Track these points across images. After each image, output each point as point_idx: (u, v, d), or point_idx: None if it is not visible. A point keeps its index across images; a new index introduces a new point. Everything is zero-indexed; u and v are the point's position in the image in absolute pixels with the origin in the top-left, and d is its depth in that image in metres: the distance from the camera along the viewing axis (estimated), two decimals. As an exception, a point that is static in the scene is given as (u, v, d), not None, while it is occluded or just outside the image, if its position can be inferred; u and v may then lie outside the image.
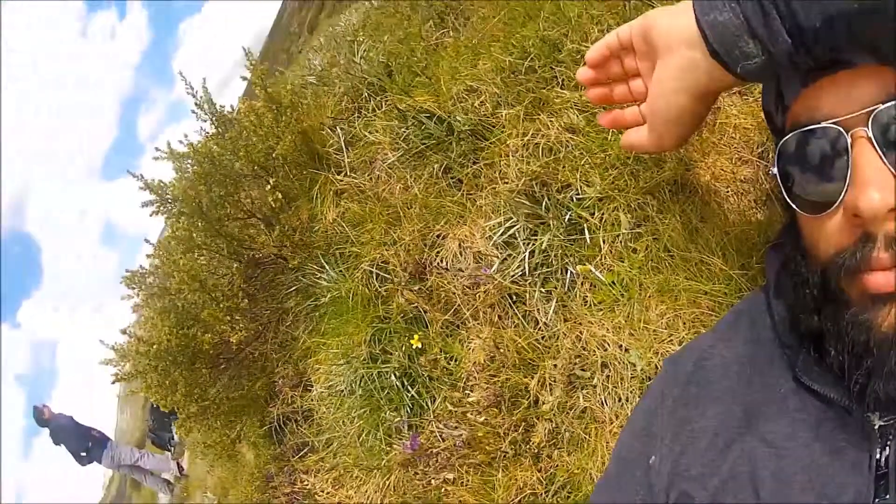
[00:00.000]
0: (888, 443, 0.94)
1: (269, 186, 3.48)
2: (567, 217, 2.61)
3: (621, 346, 2.36)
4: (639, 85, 1.30)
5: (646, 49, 1.23)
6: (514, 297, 2.81)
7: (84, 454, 8.51)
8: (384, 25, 3.68)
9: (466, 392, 2.95)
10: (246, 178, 3.64)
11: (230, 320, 3.53)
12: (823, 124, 0.98)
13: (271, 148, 3.45)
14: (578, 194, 2.57)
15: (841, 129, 0.95)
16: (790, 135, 1.04)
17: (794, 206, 1.05)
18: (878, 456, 0.93)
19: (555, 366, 2.59)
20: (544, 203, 2.69)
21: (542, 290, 2.71)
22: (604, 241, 2.47)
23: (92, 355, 3.78)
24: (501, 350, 2.82)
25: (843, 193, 0.95)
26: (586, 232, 2.55)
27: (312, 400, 3.54)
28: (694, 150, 2.09)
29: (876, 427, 0.96)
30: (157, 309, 3.67)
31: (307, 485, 3.32)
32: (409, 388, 3.25)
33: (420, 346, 3.22)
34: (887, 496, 0.90)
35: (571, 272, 2.60)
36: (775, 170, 1.08)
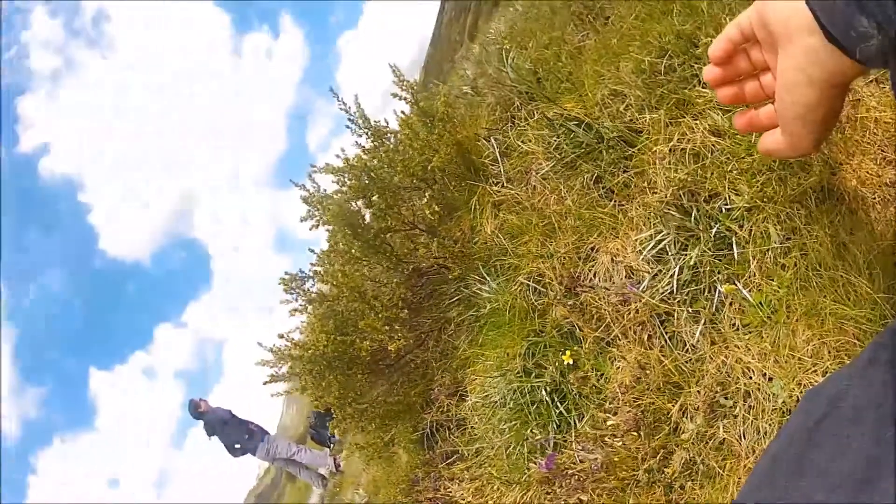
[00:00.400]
0: None
1: (426, 199, 3.55)
2: (715, 230, 2.41)
3: (765, 374, 2.13)
4: (770, 80, 1.14)
5: (768, 39, 1.08)
6: (663, 316, 2.66)
7: (238, 446, 8.84)
8: (529, 31, 3.62)
9: (608, 414, 2.82)
10: (405, 191, 3.74)
11: (388, 329, 3.64)
12: None
13: (428, 160, 3.52)
14: (727, 204, 2.37)
15: None
16: None
17: None
18: None
19: (698, 392, 2.40)
20: (693, 214, 2.52)
21: (691, 309, 2.54)
22: (753, 257, 2.26)
23: (257, 355, 4.03)
24: (647, 371, 2.68)
25: None
26: (734, 246, 2.34)
27: (466, 409, 3.55)
28: (839, 151, 1.83)
29: None
30: (317, 314, 3.88)
31: (450, 492, 3.34)
32: (559, 404, 3.17)
33: (571, 362, 3.12)
34: None
35: (720, 290, 2.40)
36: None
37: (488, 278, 3.62)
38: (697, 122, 2.39)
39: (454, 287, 3.83)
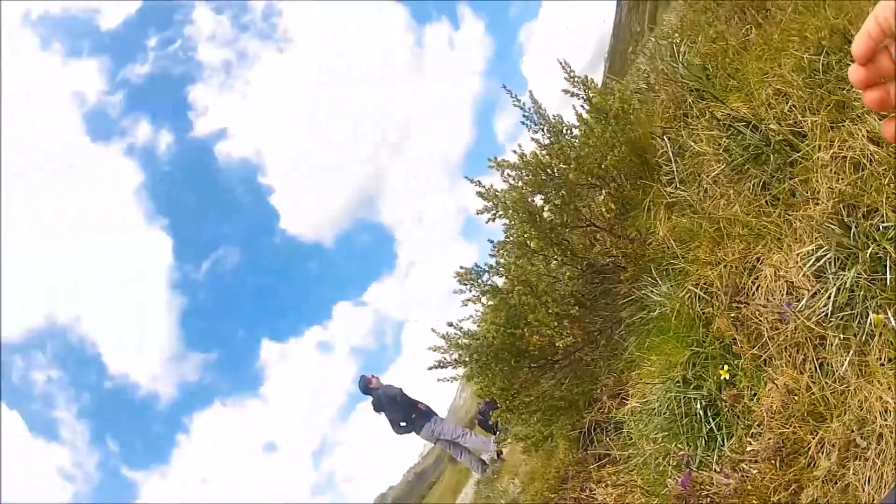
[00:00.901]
0: None
1: (601, 197, 3.51)
2: (870, 250, 2.17)
3: (900, 417, 1.92)
4: None
5: None
6: (817, 341, 2.46)
7: (404, 423, 8.86)
8: (697, 23, 3.37)
9: (750, 439, 2.66)
10: (581, 188, 3.71)
11: (558, 326, 3.66)
12: None
13: (602, 158, 3.48)
14: (883, 222, 2.11)
15: None
16: None
17: None
18: None
19: (838, 427, 2.21)
20: (852, 230, 2.30)
21: (842, 336, 2.32)
22: (906, 285, 2.01)
23: (431, 340, 4.17)
24: (795, 398, 2.50)
25: None
26: (888, 270, 2.08)
27: (625, 413, 3.49)
28: None
29: None
30: (490, 306, 3.97)
31: (594, 494, 3.31)
32: (711, 419, 3.03)
33: (728, 377, 2.98)
34: None
35: (870, 318, 2.16)
36: None
37: (660, 281, 3.52)
38: (857, 126, 2.16)
39: (627, 287, 3.75)
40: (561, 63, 3.58)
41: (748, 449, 2.62)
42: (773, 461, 2.45)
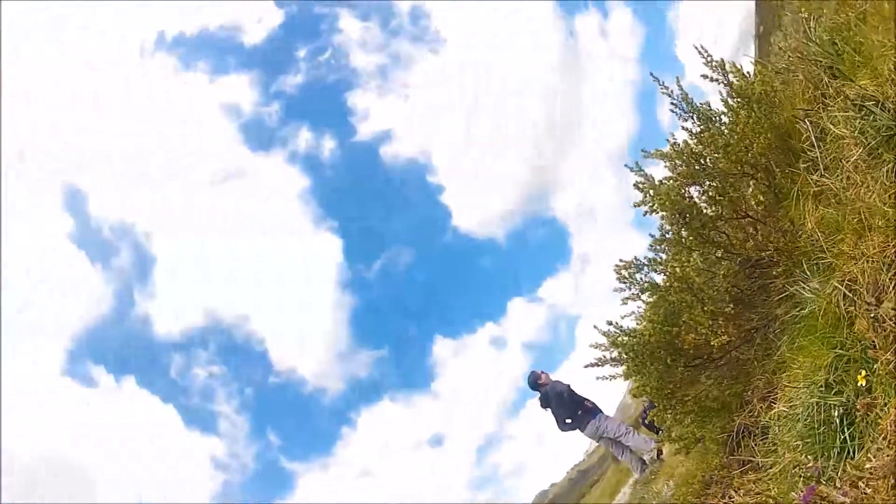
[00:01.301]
0: None
1: (751, 188, 3.30)
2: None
3: None
4: None
5: None
6: None
7: (569, 420, 8.45)
8: None
9: (869, 454, 2.44)
10: (733, 177, 3.50)
11: (713, 324, 3.52)
12: None
13: (750, 145, 3.27)
14: None
15: None
16: None
17: None
18: None
19: None
20: None
21: None
22: None
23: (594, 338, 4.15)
24: None
25: None
26: None
27: (772, 417, 3.27)
28: None
29: None
30: (649, 303, 3.89)
31: (733, 501, 3.15)
32: (845, 429, 2.81)
33: (864, 384, 2.75)
34: None
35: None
36: None
37: (811, 277, 3.27)
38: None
39: (782, 282, 3.50)
40: (698, 48, 3.42)
41: (867, 466, 2.40)
42: (889, 480, 2.24)
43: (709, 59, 3.44)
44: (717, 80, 3.48)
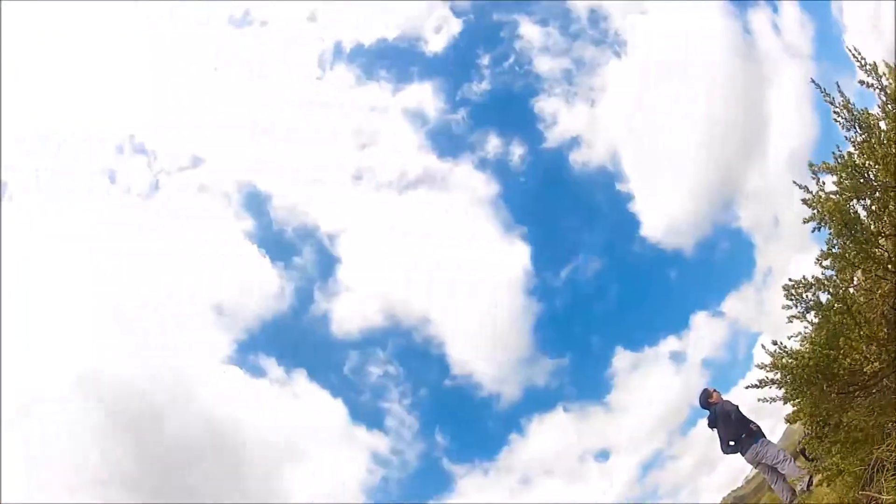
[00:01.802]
0: None
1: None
2: None
3: None
4: None
5: None
6: None
7: (733, 443, 8.14)
8: None
9: None
10: (894, 190, 3.21)
11: (866, 349, 3.25)
12: None
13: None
14: None
15: None
16: None
17: None
18: None
19: None
20: None
21: None
22: None
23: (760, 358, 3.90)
24: None
25: None
26: None
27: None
28: None
29: None
30: (814, 324, 3.66)
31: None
32: None
33: None
34: None
35: None
36: None
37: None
38: None
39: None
40: (851, 51, 3.13)
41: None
42: None
43: (863, 62, 3.15)
44: (872, 85, 3.18)
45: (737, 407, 8.19)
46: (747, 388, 3.88)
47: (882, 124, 3.21)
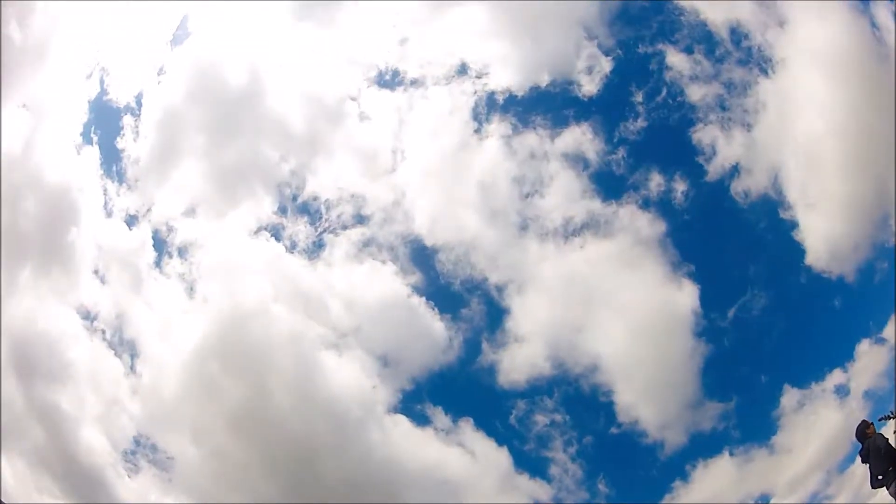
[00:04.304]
0: None
1: None
2: None
3: None
4: None
5: None
6: None
7: (881, 477, 7.42)
8: None
9: None
10: None
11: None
12: None
13: None
14: None
15: None
16: None
17: None
18: None
19: None
20: None
21: None
22: None
23: None
24: None
25: None
26: None
27: None
28: None
29: None
30: None
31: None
32: None
33: None
34: None
35: None
36: None
37: None
38: None
39: None
40: None
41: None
42: None
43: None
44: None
45: (887, 440, 7.64)
46: (880, 419, 3.56)
47: None
